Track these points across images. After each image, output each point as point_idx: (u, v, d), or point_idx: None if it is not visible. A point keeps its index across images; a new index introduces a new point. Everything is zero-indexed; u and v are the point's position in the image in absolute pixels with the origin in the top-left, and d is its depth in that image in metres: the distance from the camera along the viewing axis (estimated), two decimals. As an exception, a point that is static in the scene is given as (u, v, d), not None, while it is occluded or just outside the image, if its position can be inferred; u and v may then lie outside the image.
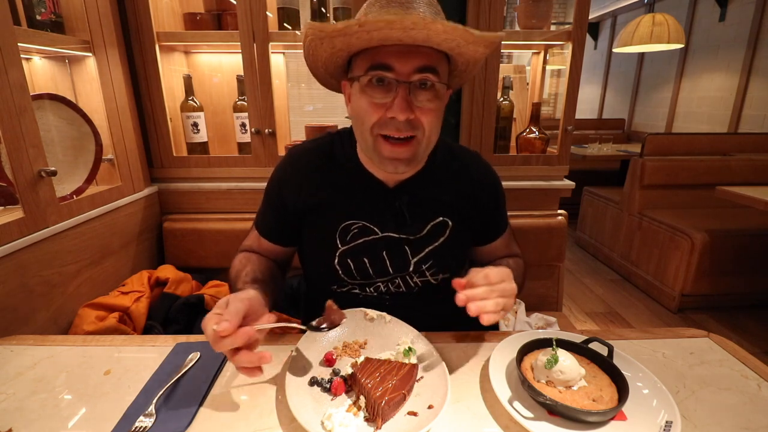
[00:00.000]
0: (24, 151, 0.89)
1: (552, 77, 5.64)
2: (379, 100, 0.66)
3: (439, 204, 0.81)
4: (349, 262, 0.80)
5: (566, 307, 2.49)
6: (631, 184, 2.76)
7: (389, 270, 0.81)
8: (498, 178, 0.89)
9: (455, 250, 0.84)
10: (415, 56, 0.63)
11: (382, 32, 0.58)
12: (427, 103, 0.66)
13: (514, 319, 1.28)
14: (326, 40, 0.64)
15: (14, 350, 0.72)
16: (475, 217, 0.84)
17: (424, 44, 0.63)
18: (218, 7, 1.40)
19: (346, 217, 0.79)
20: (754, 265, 2.34)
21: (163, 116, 1.34)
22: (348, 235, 0.79)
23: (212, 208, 1.43)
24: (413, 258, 0.80)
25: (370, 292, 0.83)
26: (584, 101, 5.72)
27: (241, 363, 0.57)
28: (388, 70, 0.64)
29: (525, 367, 0.63)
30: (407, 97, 0.64)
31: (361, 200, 0.79)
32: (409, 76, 0.64)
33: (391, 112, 0.65)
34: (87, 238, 1.10)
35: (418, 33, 0.58)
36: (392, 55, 0.63)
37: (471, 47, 0.63)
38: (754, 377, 0.65)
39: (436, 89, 0.67)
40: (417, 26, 0.56)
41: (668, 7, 4.13)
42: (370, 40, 0.62)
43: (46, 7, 1.04)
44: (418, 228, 0.80)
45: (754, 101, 3.32)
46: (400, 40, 0.61)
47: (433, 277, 0.83)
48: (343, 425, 0.52)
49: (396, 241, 0.79)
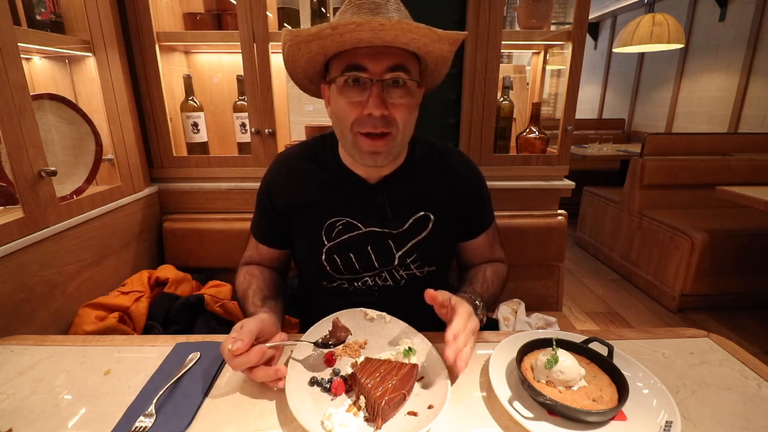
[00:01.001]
0: (24, 151, 0.89)
1: (552, 77, 5.64)
2: (356, 99, 0.70)
3: (419, 198, 0.84)
4: (335, 257, 0.83)
5: (566, 307, 2.49)
6: (631, 184, 2.76)
7: (375, 264, 0.84)
8: (481, 173, 0.92)
9: (439, 244, 0.86)
10: (386, 56, 0.68)
11: (353, 34, 0.63)
12: (399, 99, 0.70)
13: (514, 319, 1.28)
14: (303, 45, 0.68)
15: (14, 350, 0.72)
16: (457, 210, 0.87)
17: (393, 44, 0.67)
18: (218, 7, 1.40)
19: (331, 215, 0.82)
20: (754, 265, 2.34)
21: (163, 116, 1.34)
22: (333, 232, 0.82)
23: (212, 208, 1.43)
24: (397, 252, 0.83)
25: (359, 286, 0.86)
26: (584, 101, 5.72)
27: (258, 379, 0.60)
28: (362, 71, 0.68)
29: (525, 367, 0.63)
30: (381, 94, 0.69)
31: (344, 198, 0.83)
32: (382, 74, 0.69)
33: (366, 109, 0.69)
34: (87, 238, 1.10)
35: (386, 33, 0.63)
36: (365, 56, 0.68)
37: (437, 45, 0.69)
38: (754, 377, 0.65)
39: (408, 86, 0.71)
40: (384, 27, 0.61)
41: (668, 7, 4.13)
42: (343, 42, 0.66)
43: (46, 7, 1.04)
44: (399, 222, 0.83)
45: (754, 101, 3.32)
46: (371, 41, 0.66)
47: (418, 270, 0.86)
48: (343, 425, 0.52)
49: (379, 236, 0.82)
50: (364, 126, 0.71)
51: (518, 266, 1.39)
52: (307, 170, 0.85)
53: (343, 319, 0.75)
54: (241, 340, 0.58)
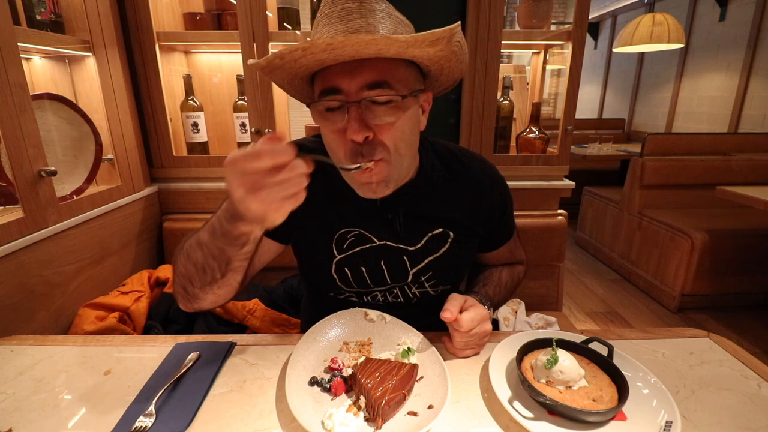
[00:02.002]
0: (24, 151, 0.89)
1: (552, 77, 5.64)
2: (337, 125, 0.62)
3: (436, 216, 0.77)
4: (346, 270, 0.78)
5: (566, 307, 2.49)
6: (631, 184, 2.76)
7: (387, 280, 0.79)
8: (507, 186, 0.85)
9: (457, 261, 0.81)
10: (363, 71, 0.59)
11: (314, 56, 0.55)
12: (384, 118, 0.61)
13: (514, 319, 1.28)
14: (271, 75, 0.63)
15: (14, 350, 0.72)
16: (478, 230, 0.81)
17: (363, 57, 0.58)
18: (218, 6, 1.39)
19: (341, 225, 0.76)
20: (754, 265, 2.34)
21: (163, 116, 1.34)
22: (344, 244, 0.76)
23: (212, 208, 1.41)
24: (412, 269, 0.78)
25: (368, 300, 0.82)
26: (584, 101, 5.72)
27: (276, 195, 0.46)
28: (336, 93, 0.60)
29: (525, 367, 0.63)
30: (360, 117, 0.60)
31: (355, 209, 0.75)
32: (358, 94, 0.59)
33: (348, 136, 0.60)
34: (87, 238, 1.10)
35: (345, 50, 0.54)
36: (339, 74, 0.60)
37: (414, 51, 0.57)
38: (754, 377, 0.65)
39: (395, 102, 0.61)
40: (333, 47, 0.52)
41: (668, 7, 4.13)
42: (307, 66, 0.59)
43: (46, 7, 1.04)
44: (414, 238, 0.77)
45: (754, 101, 3.32)
46: (336, 60, 0.57)
47: (432, 289, 0.81)
48: (343, 425, 0.52)
49: (394, 251, 0.77)
50: (353, 157, 0.62)
51: (518, 266, 1.39)
52: (319, 176, 0.71)
53: (343, 319, 0.75)
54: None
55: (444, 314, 0.66)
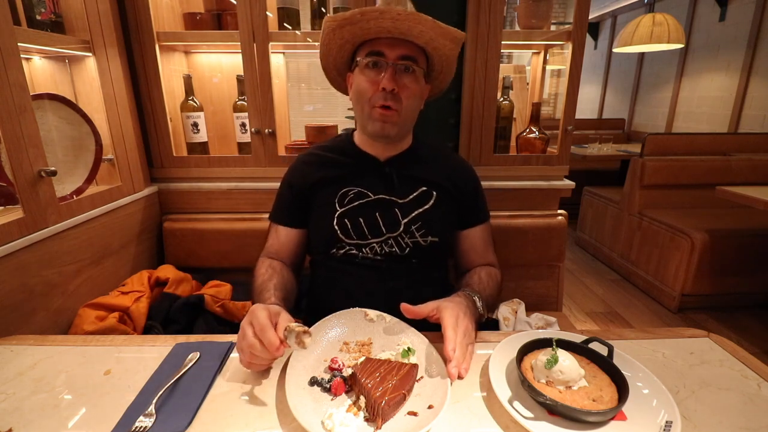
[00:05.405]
0: (24, 151, 0.89)
1: (552, 77, 5.63)
2: (374, 78, 0.85)
3: (423, 178, 0.95)
4: (346, 222, 0.92)
5: (566, 307, 2.49)
6: (631, 184, 2.76)
7: (382, 230, 0.92)
8: (477, 175, 1.04)
9: (441, 217, 0.95)
10: (400, 47, 0.85)
11: (377, 22, 0.80)
12: (407, 83, 0.86)
13: (514, 319, 1.27)
14: (337, 30, 0.84)
15: (14, 350, 0.72)
16: (456, 197, 0.97)
17: (407, 37, 0.84)
18: (218, 7, 1.40)
19: (344, 185, 0.93)
20: (754, 265, 2.34)
21: (163, 116, 1.34)
22: (345, 199, 0.93)
23: (212, 208, 1.43)
24: (403, 219, 0.92)
25: (366, 252, 0.92)
26: (584, 101, 5.73)
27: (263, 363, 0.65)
28: (380, 56, 0.85)
29: (525, 367, 0.63)
30: (393, 75, 0.84)
31: (356, 172, 0.95)
32: (396, 59, 0.85)
33: (381, 84, 0.84)
34: (87, 238, 1.10)
35: (402, 23, 0.79)
36: (384, 44, 0.85)
37: (440, 41, 0.84)
38: (754, 377, 0.65)
39: (416, 74, 0.87)
40: (400, 17, 0.78)
41: (668, 7, 4.13)
42: (368, 29, 0.83)
43: (46, 7, 1.04)
44: (405, 192, 0.94)
45: (754, 101, 3.32)
46: (390, 32, 0.82)
47: (422, 239, 0.92)
48: (343, 425, 0.52)
49: (387, 203, 0.93)
50: (378, 100, 0.85)
51: (518, 266, 1.39)
52: (325, 155, 0.98)
53: (343, 319, 0.75)
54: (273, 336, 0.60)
55: (424, 308, 0.71)
